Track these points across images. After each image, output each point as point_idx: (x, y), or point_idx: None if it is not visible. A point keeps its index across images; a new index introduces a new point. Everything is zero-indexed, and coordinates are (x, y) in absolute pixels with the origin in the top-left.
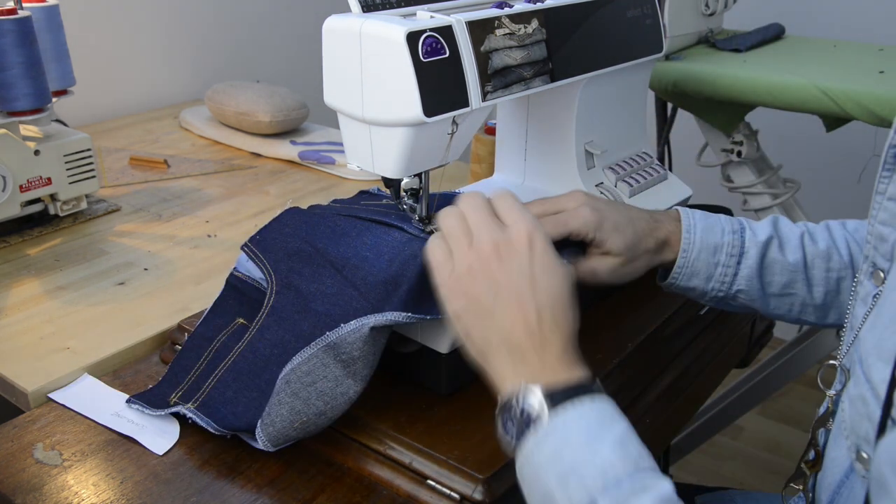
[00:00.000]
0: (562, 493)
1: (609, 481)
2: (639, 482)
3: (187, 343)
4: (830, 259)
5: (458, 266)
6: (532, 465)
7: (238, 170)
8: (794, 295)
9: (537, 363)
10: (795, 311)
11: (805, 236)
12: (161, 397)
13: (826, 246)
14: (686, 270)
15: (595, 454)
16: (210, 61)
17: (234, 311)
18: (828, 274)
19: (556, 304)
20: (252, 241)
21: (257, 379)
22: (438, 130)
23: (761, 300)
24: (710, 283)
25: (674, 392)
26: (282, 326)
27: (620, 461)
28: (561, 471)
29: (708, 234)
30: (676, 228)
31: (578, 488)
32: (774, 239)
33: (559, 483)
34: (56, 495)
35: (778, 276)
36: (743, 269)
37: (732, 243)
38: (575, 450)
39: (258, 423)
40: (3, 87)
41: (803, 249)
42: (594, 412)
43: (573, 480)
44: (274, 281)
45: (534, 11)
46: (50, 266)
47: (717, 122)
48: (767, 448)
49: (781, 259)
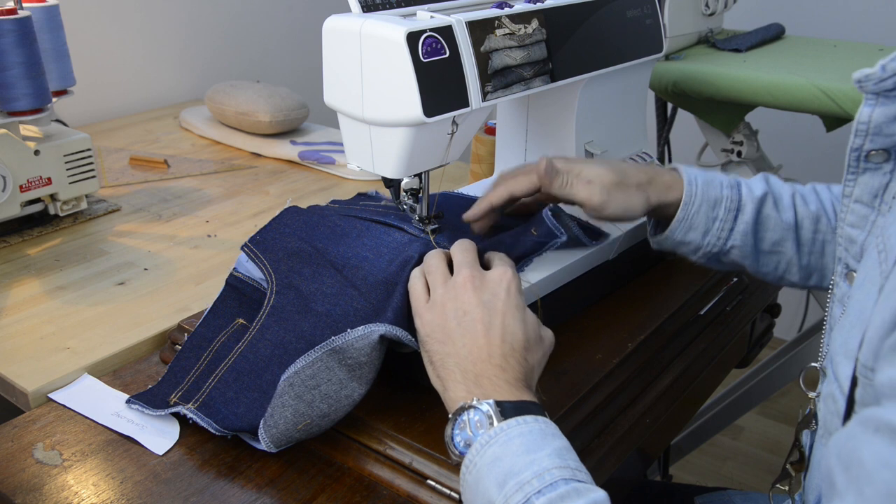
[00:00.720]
0: (499, 495)
1: (545, 484)
2: (573, 487)
3: (187, 343)
4: (819, 221)
5: (433, 296)
6: (474, 472)
7: (238, 170)
8: (781, 253)
9: (490, 386)
10: (781, 270)
11: (796, 196)
12: (161, 397)
13: (816, 209)
14: (685, 224)
15: (533, 461)
16: (210, 61)
17: (234, 312)
18: (815, 236)
19: (518, 343)
20: (252, 241)
21: (258, 379)
22: (438, 130)
23: (752, 256)
24: (707, 237)
25: (674, 392)
26: (282, 326)
27: (557, 468)
28: (500, 475)
29: (708, 188)
30: (672, 176)
31: (515, 490)
32: (769, 195)
33: (498, 486)
34: (56, 495)
35: (771, 232)
36: (739, 225)
37: (731, 197)
38: (515, 457)
39: (261, 424)
40: (3, 87)
41: (795, 209)
42: (538, 428)
43: (511, 483)
44: (274, 281)
45: (534, 11)
46: (50, 266)
47: (717, 122)
48: (767, 448)
49: (776, 216)
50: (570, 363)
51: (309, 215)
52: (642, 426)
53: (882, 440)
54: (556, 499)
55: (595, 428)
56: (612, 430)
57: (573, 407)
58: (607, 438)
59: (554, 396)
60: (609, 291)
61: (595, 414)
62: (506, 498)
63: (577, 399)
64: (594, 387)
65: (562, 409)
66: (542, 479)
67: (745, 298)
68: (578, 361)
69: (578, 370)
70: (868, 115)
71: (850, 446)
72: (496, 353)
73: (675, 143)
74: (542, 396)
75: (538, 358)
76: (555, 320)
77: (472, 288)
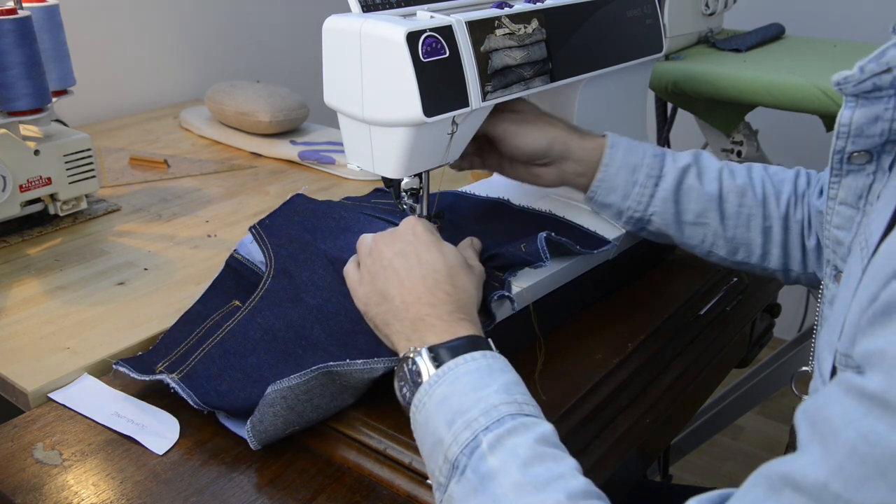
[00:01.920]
0: (448, 433)
1: (492, 420)
2: (520, 421)
3: (181, 318)
4: (744, 195)
5: (361, 270)
6: (423, 413)
7: (238, 170)
8: (706, 225)
9: (425, 329)
10: (708, 243)
11: (724, 170)
12: (148, 365)
13: (742, 183)
14: (605, 185)
15: (481, 399)
16: (210, 61)
17: (231, 293)
18: (740, 209)
19: (440, 273)
20: (261, 224)
21: (243, 360)
22: (438, 130)
23: (675, 226)
24: (627, 201)
25: (674, 392)
26: (273, 312)
27: (504, 404)
28: (449, 414)
29: (630, 154)
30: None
31: (464, 427)
32: (693, 167)
33: (447, 424)
34: (56, 495)
35: (693, 203)
36: (659, 192)
37: (652, 165)
38: (463, 395)
39: (248, 425)
40: (3, 87)
41: (720, 181)
42: (485, 364)
43: (460, 421)
44: (273, 265)
45: (534, 11)
46: (50, 266)
47: (717, 122)
48: (767, 448)
49: (698, 187)
50: (570, 363)
51: (318, 204)
52: (642, 426)
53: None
54: (504, 434)
55: (595, 428)
56: (612, 430)
57: (573, 407)
58: (607, 438)
59: (554, 396)
60: (609, 292)
61: (595, 414)
62: (455, 436)
63: (577, 399)
64: (594, 387)
65: (562, 409)
66: (489, 415)
67: (745, 298)
68: (578, 361)
69: (578, 370)
70: (849, 118)
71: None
72: (423, 292)
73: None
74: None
75: (467, 282)
76: (555, 321)
77: (384, 245)
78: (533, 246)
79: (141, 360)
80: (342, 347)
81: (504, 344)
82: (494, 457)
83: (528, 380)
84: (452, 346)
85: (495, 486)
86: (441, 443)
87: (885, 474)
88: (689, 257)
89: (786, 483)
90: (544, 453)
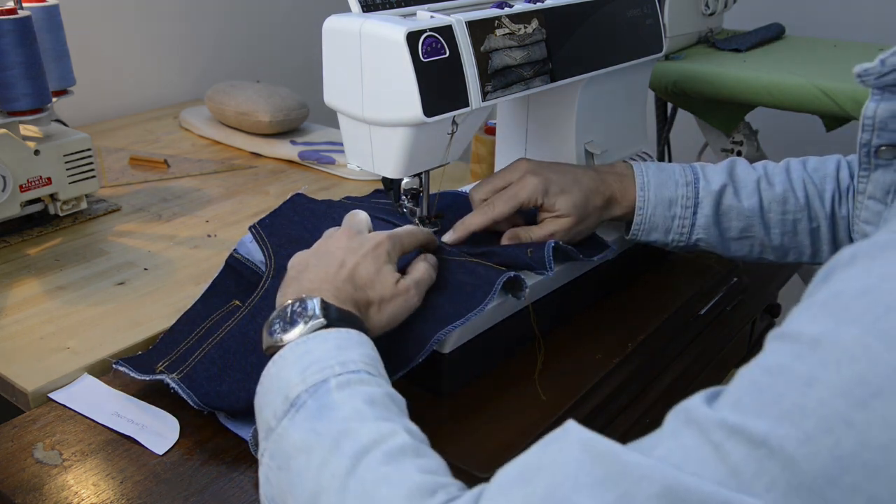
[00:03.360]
0: (298, 377)
1: (347, 369)
2: (377, 380)
3: (182, 318)
4: (787, 202)
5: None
6: (280, 362)
7: (238, 170)
8: (752, 237)
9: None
10: (756, 252)
11: (762, 181)
12: (148, 364)
13: (783, 189)
14: (644, 226)
15: (343, 354)
16: (210, 61)
17: (231, 293)
18: (784, 217)
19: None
20: (261, 223)
21: (243, 361)
22: (438, 130)
23: (721, 244)
24: (670, 235)
25: (674, 392)
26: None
27: (362, 361)
28: (305, 363)
29: (661, 189)
30: (622, 185)
31: (316, 371)
32: (729, 186)
33: (299, 372)
34: (56, 495)
35: (735, 221)
36: (699, 219)
37: (686, 195)
38: (325, 352)
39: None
40: (3, 87)
41: (759, 194)
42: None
43: (313, 367)
44: (273, 265)
45: (534, 11)
46: (50, 266)
47: (717, 122)
48: None
49: (737, 205)
50: (570, 363)
51: (318, 204)
52: (642, 426)
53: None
54: (356, 381)
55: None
56: (612, 430)
57: (573, 407)
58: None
59: (554, 396)
60: (609, 292)
61: (595, 414)
62: (303, 378)
63: (577, 399)
64: (594, 387)
65: (562, 409)
66: (345, 365)
67: (745, 298)
68: (578, 361)
69: (578, 370)
70: (873, 110)
71: None
72: (335, 280)
73: (675, 143)
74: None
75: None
76: (554, 321)
77: (345, 237)
78: (539, 254)
79: (141, 359)
80: None
81: (503, 344)
82: (341, 393)
83: (528, 380)
84: (342, 314)
85: (334, 411)
86: (287, 384)
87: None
88: (689, 257)
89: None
90: (390, 405)
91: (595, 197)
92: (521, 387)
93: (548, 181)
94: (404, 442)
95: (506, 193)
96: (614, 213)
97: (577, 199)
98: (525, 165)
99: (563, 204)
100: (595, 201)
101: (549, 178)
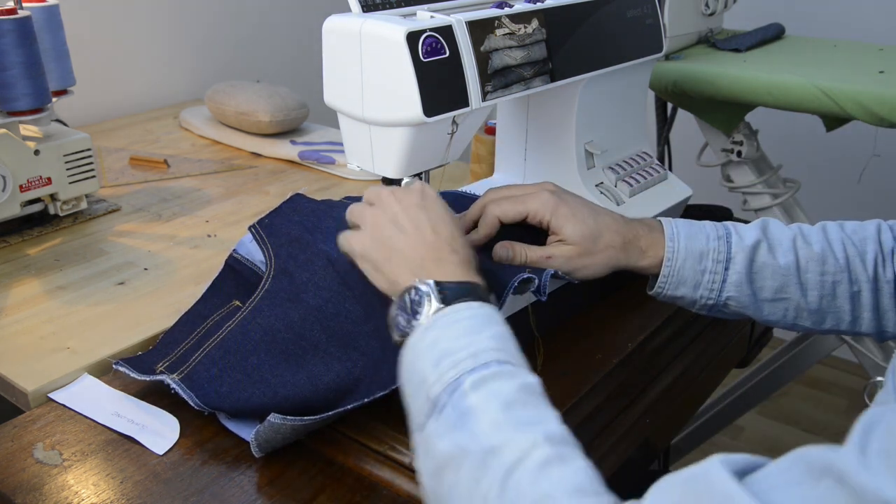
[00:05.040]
0: (434, 372)
1: (479, 363)
2: (506, 368)
3: (182, 318)
4: (825, 262)
5: (361, 222)
6: (413, 352)
7: (238, 170)
8: (787, 300)
9: (434, 269)
10: (790, 317)
11: (798, 239)
12: (148, 365)
13: (821, 249)
14: (672, 279)
15: (471, 343)
16: (210, 61)
17: (231, 293)
18: (822, 278)
19: (453, 235)
20: (260, 223)
21: (244, 361)
22: (438, 130)
23: (753, 306)
24: (699, 290)
25: (674, 392)
26: (273, 312)
27: (494, 350)
28: (437, 355)
29: (692, 241)
30: (650, 234)
31: (450, 367)
32: (763, 242)
33: (433, 365)
34: (56, 495)
35: (769, 280)
36: (731, 275)
37: (718, 249)
38: (454, 339)
39: (252, 436)
40: (3, 87)
41: (795, 252)
42: (482, 313)
43: (446, 361)
44: (273, 265)
45: (534, 11)
46: (50, 266)
47: (717, 122)
48: (767, 448)
49: (772, 262)
50: (570, 363)
51: (318, 204)
52: (642, 426)
53: None
54: (489, 376)
55: (595, 428)
56: (612, 430)
57: (573, 407)
58: (607, 438)
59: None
60: (609, 292)
61: (595, 414)
62: (439, 374)
63: (577, 399)
64: (594, 387)
65: (562, 409)
66: (476, 358)
67: None
68: (578, 361)
69: (578, 370)
70: None
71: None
72: (433, 244)
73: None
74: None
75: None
76: (555, 321)
77: (393, 200)
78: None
79: (141, 360)
80: (342, 349)
81: None
82: (476, 395)
83: None
84: (459, 287)
85: (473, 422)
86: (425, 382)
87: None
88: None
89: (827, 473)
90: (526, 400)
91: (611, 235)
92: None
93: (561, 202)
94: (545, 456)
95: (516, 198)
96: (640, 264)
97: (586, 229)
98: (548, 185)
99: (571, 230)
100: (611, 239)
101: (565, 200)
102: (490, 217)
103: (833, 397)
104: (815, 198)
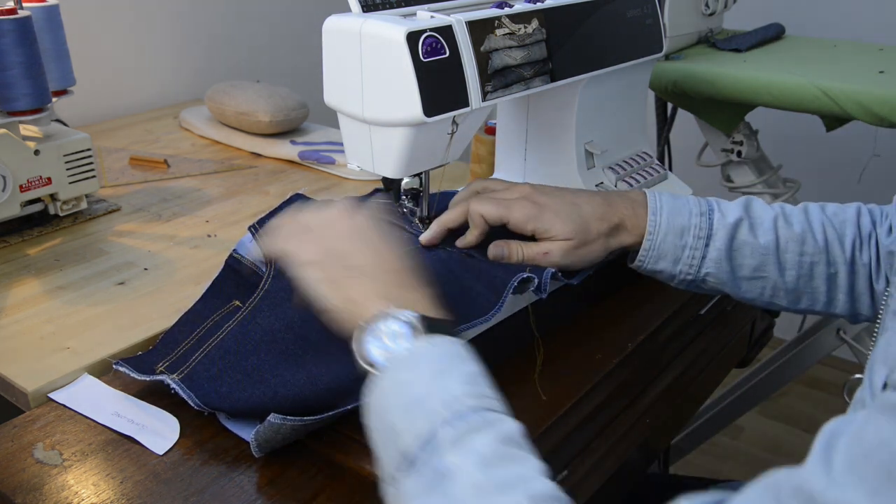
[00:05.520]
0: (404, 420)
1: (453, 414)
2: (482, 417)
3: (182, 318)
4: (804, 243)
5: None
6: (381, 392)
7: (238, 170)
8: (765, 278)
9: (401, 296)
10: (767, 295)
11: (779, 218)
12: (149, 365)
13: (801, 229)
14: (653, 253)
15: (442, 388)
16: (210, 61)
17: (231, 293)
18: (801, 258)
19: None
20: (260, 223)
21: (244, 361)
22: (438, 130)
23: (731, 283)
24: (678, 265)
25: (674, 392)
26: (273, 313)
27: (466, 396)
28: (406, 400)
29: (675, 216)
30: (634, 211)
31: (421, 416)
32: (745, 220)
33: (403, 411)
34: (56, 495)
35: (749, 258)
36: (711, 252)
37: (700, 225)
38: (424, 382)
39: (252, 436)
40: (3, 87)
41: (776, 232)
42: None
43: (417, 410)
44: (273, 266)
45: (534, 11)
46: (50, 266)
47: (717, 122)
48: (767, 448)
49: (752, 241)
50: (570, 363)
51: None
52: (642, 426)
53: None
54: (465, 431)
55: (595, 428)
56: (612, 430)
57: (573, 407)
58: (607, 438)
59: (554, 396)
60: (609, 292)
61: (595, 414)
62: (410, 424)
63: (577, 399)
64: (594, 387)
65: (562, 409)
66: (449, 407)
67: None
68: (578, 361)
69: (578, 370)
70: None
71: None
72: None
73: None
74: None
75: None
76: (553, 322)
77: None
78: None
79: (141, 360)
80: (342, 349)
81: (502, 344)
82: (453, 454)
83: (528, 380)
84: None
85: (452, 485)
86: (394, 430)
87: None
88: None
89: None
90: (507, 454)
91: (597, 223)
92: (520, 387)
93: (542, 209)
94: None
95: (500, 201)
96: (624, 242)
97: (574, 223)
98: (526, 189)
99: (561, 228)
100: (598, 227)
101: (544, 204)
102: (476, 217)
103: (833, 397)
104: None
